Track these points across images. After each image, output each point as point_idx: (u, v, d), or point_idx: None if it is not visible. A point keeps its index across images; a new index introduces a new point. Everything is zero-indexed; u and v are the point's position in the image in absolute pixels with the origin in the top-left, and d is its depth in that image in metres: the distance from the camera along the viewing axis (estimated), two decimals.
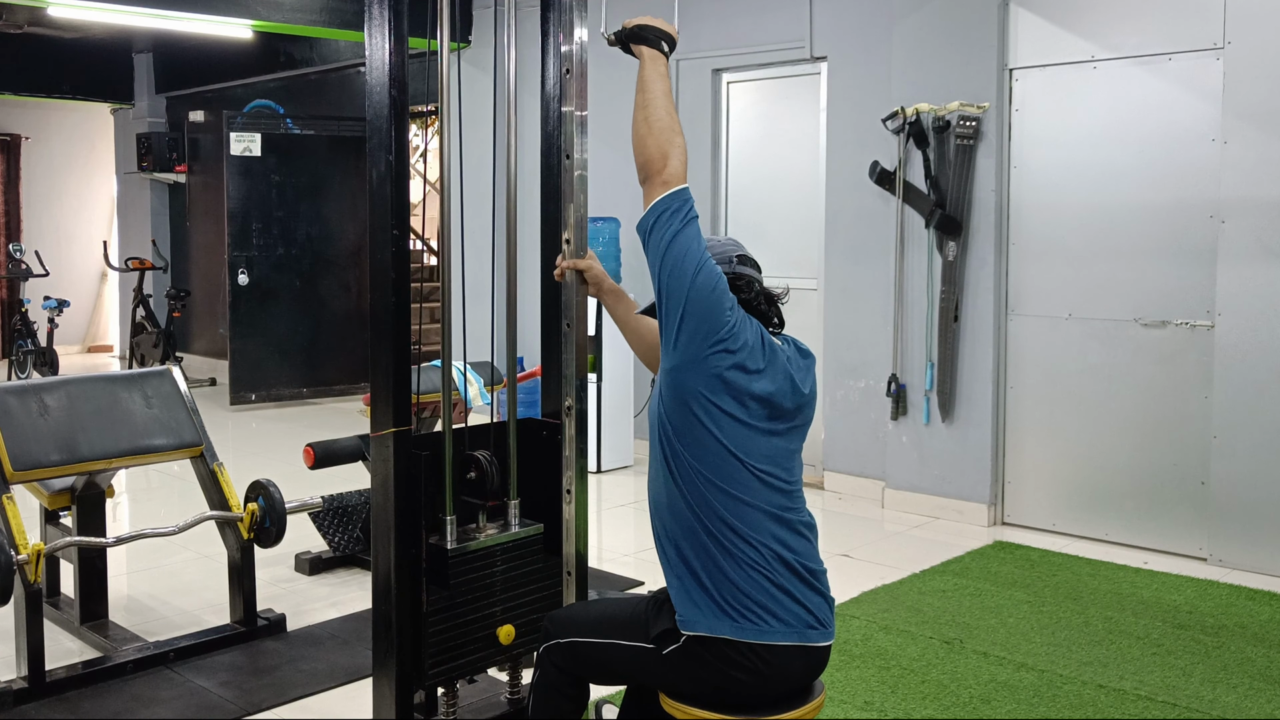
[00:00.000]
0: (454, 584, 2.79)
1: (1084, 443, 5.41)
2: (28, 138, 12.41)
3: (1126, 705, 3.56)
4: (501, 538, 2.90)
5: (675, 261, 2.29)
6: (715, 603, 2.29)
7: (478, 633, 2.88)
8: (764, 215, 6.69)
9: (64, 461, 3.82)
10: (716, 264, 2.37)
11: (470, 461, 2.87)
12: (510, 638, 2.92)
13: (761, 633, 2.27)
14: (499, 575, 2.89)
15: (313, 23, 7.42)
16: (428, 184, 11.28)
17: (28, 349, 9.80)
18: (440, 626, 2.79)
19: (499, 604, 2.90)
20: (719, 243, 2.51)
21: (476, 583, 2.85)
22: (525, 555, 2.95)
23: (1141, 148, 5.19)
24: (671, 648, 2.34)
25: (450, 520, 2.81)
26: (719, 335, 2.27)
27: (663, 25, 2.52)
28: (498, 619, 2.91)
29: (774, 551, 2.30)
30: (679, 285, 2.28)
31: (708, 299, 2.27)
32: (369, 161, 2.75)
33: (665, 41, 2.50)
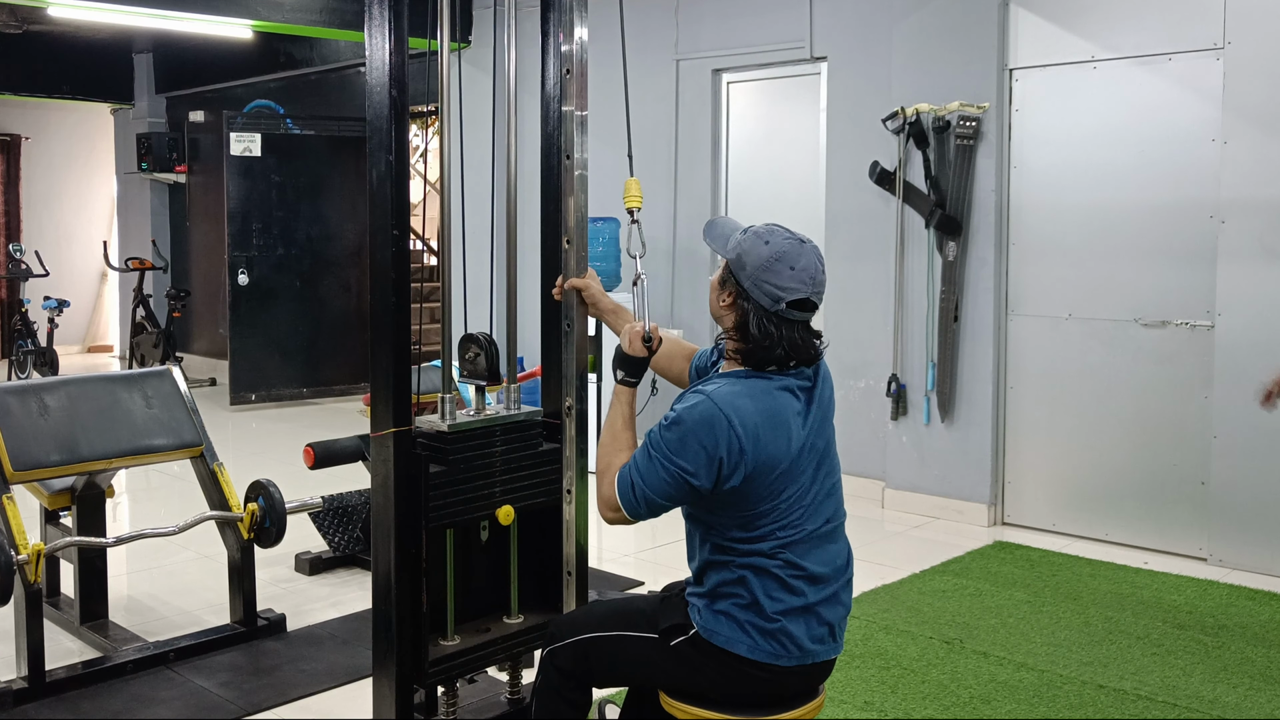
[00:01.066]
0: (452, 459, 2.79)
1: (1084, 443, 5.41)
2: (28, 138, 12.41)
3: (1126, 705, 3.56)
4: (500, 417, 2.91)
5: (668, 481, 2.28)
6: (737, 624, 2.31)
7: (476, 512, 2.88)
8: (764, 215, 6.63)
9: (64, 461, 3.82)
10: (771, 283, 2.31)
11: (470, 341, 2.89)
12: (509, 518, 2.92)
13: (775, 657, 2.30)
14: (498, 456, 2.90)
15: (313, 23, 7.42)
16: (428, 184, 11.28)
17: (28, 349, 9.80)
18: (440, 502, 2.79)
19: (498, 484, 2.91)
20: (789, 276, 2.31)
21: (475, 460, 2.85)
22: (524, 438, 2.96)
23: (1141, 148, 5.19)
24: (679, 639, 2.36)
25: (449, 398, 2.84)
26: (727, 483, 2.26)
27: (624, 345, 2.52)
28: (497, 499, 2.91)
29: (806, 573, 2.32)
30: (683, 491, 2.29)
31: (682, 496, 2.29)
32: (369, 161, 2.75)
33: (621, 368, 2.51)
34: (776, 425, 2.28)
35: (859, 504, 6.08)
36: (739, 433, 2.24)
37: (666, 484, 2.27)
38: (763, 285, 2.31)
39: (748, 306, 2.32)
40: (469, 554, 3.01)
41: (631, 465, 2.33)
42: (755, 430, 2.25)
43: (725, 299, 2.37)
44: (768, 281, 2.30)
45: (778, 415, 2.29)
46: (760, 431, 2.25)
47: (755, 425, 2.25)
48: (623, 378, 2.52)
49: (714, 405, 2.26)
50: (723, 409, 2.25)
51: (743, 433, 2.24)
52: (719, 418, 2.24)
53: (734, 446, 2.23)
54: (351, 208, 9.36)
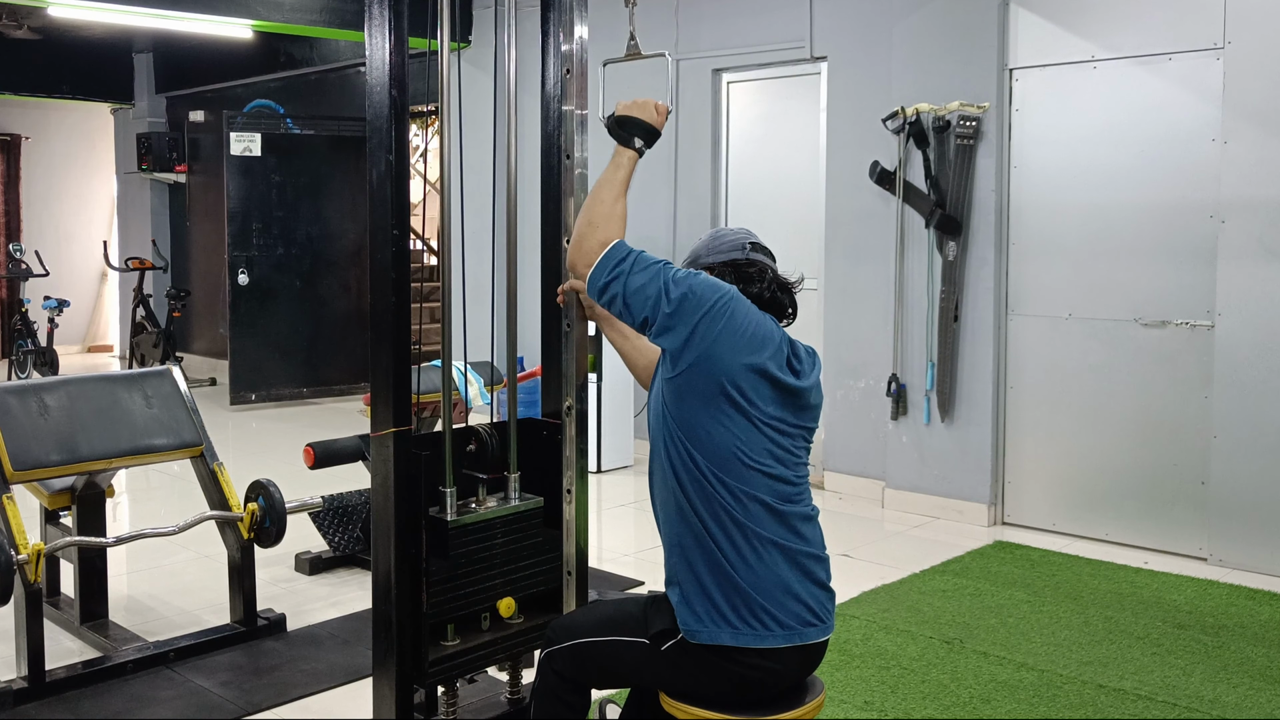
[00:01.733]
0: (453, 555, 2.80)
1: (1084, 443, 5.41)
2: (28, 138, 12.41)
3: (1126, 705, 3.56)
4: (501, 510, 2.91)
5: (645, 293, 2.32)
6: (716, 610, 2.30)
7: (478, 605, 2.88)
8: (764, 215, 6.68)
9: (64, 461, 3.82)
10: (727, 251, 2.47)
11: (470, 434, 2.89)
12: (510, 610, 2.92)
13: (760, 638, 2.29)
14: (499, 548, 2.90)
15: (313, 23, 7.42)
16: (428, 184, 11.28)
17: (28, 349, 9.80)
18: (440, 597, 2.79)
19: (499, 576, 2.91)
20: (730, 232, 2.57)
21: (476, 554, 2.86)
22: (525, 528, 2.96)
23: (1141, 148, 5.19)
24: (669, 644, 2.36)
25: (450, 492, 2.83)
26: (718, 326, 2.29)
27: (645, 114, 2.54)
28: (498, 591, 2.91)
29: (777, 545, 2.31)
30: (659, 308, 2.31)
31: (691, 304, 2.30)
32: (369, 161, 2.75)
33: (641, 136, 2.53)
34: (765, 353, 2.33)
35: (859, 504, 6.08)
36: (734, 306, 2.31)
37: (646, 282, 2.32)
38: (721, 249, 2.52)
39: (727, 272, 2.45)
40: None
41: (633, 252, 2.37)
42: (747, 320, 2.32)
43: None
44: (721, 246, 2.52)
45: (770, 337, 2.36)
46: (752, 330, 2.32)
47: (750, 320, 2.33)
48: (641, 146, 2.54)
49: (731, 290, 2.35)
50: (736, 296, 2.35)
51: (735, 308, 2.31)
52: (727, 288, 2.34)
53: (722, 308, 2.29)
54: (351, 208, 9.35)
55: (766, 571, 2.30)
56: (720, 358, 2.29)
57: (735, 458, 2.30)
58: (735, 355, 2.29)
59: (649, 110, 2.55)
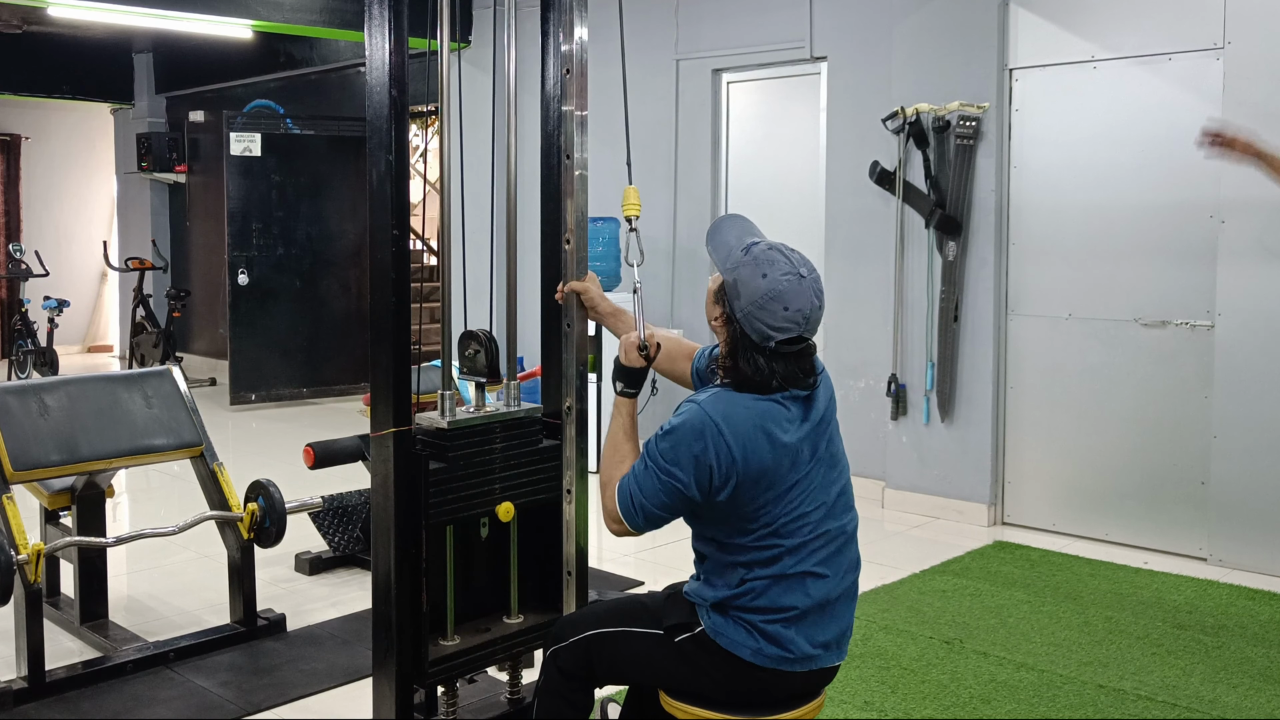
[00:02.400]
0: (452, 456, 2.79)
1: (1084, 443, 5.41)
2: (28, 138, 12.41)
3: (1126, 705, 3.56)
4: (500, 414, 2.92)
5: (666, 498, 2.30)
6: (740, 625, 2.31)
7: (476, 508, 2.88)
8: (764, 215, 6.62)
9: (64, 461, 3.82)
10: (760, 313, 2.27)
11: (469, 338, 2.89)
12: (509, 515, 2.92)
13: (777, 662, 2.31)
14: (498, 452, 2.90)
15: (313, 23, 7.42)
16: (428, 184, 11.27)
17: (28, 349, 9.80)
18: (440, 499, 2.79)
19: (498, 481, 2.91)
20: (783, 316, 2.25)
21: (475, 457, 2.85)
22: (524, 435, 2.96)
23: (1141, 148, 5.19)
24: (684, 636, 2.36)
25: (449, 395, 2.84)
26: (722, 491, 2.26)
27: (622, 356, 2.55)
28: (497, 496, 2.91)
29: (815, 576, 2.33)
30: (690, 496, 2.29)
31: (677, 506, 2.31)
32: (369, 161, 2.75)
33: (620, 379, 2.54)
34: (770, 432, 2.26)
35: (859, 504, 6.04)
36: (728, 440, 2.23)
37: (661, 494, 2.28)
38: (753, 322, 2.26)
39: (738, 335, 2.30)
40: (469, 553, 3.01)
41: (630, 477, 2.34)
42: (746, 438, 2.24)
43: (718, 315, 2.35)
44: (759, 320, 2.26)
45: (772, 421, 2.27)
46: (751, 439, 2.24)
47: (746, 433, 2.24)
48: (622, 389, 2.54)
49: (704, 413, 2.26)
50: (713, 417, 2.25)
51: (732, 440, 2.23)
52: (709, 425, 2.24)
53: (723, 454, 2.23)
54: (351, 208, 9.35)
55: (800, 608, 2.31)
56: (746, 496, 2.27)
57: (776, 532, 2.31)
58: (759, 486, 2.27)
59: (622, 351, 2.57)
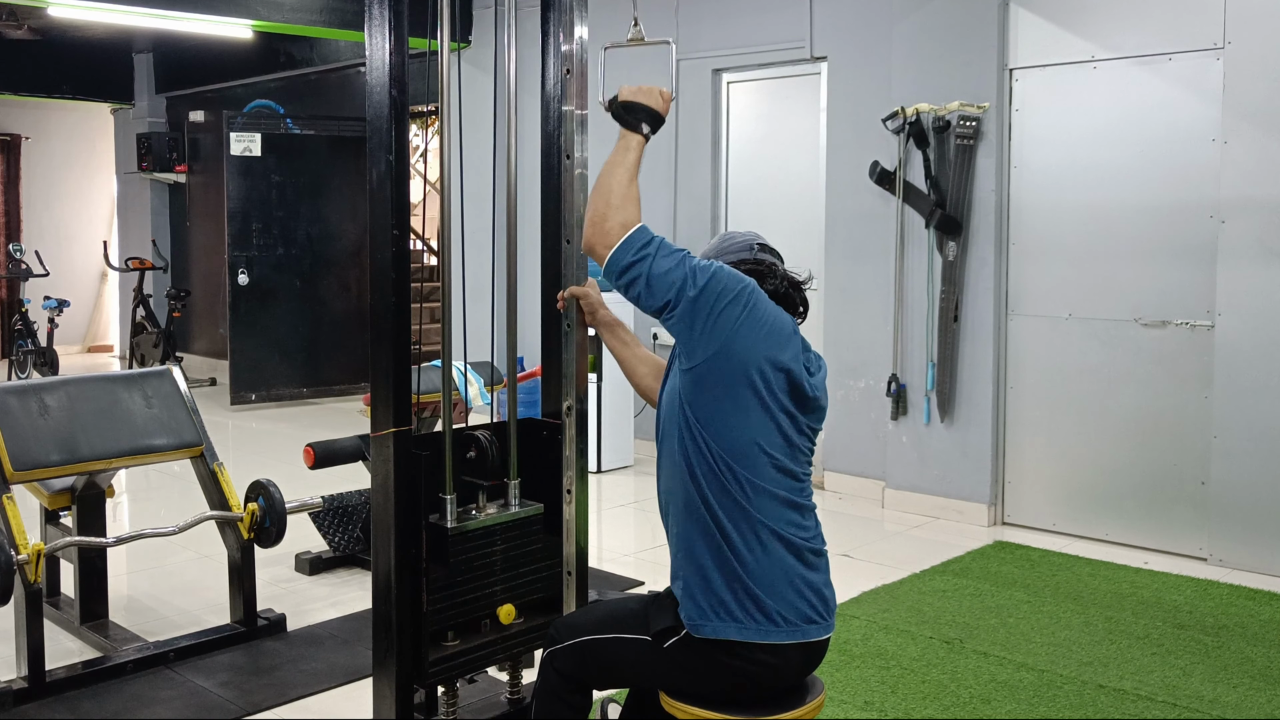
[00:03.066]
0: (454, 562, 2.79)
1: (1084, 443, 5.41)
2: (28, 138, 12.41)
3: (1126, 705, 3.56)
4: (501, 517, 2.91)
5: (670, 277, 2.31)
6: (721, 603, 2.31)
7: (478, 612, 2.88)
8: (764, 215, 6.69)
9: (64, 461, 3.82)
10: (736, 252, 2.49)
11: (470, 441, 2.88)
12: (511, 617, 2.92)
13: (763, 632, 2.30)
14: (499, 554, 2.90)
15: (313, 23, 7.42)
16: (428, 184, 11.28)
17: (28, 349, 9.80)
18: (441, 605, 2.79)
19: (499, 583, 2.91)
20: (738, 234, 2.59)
21: (476, 561, 2.85)
22: (525, 535, 2.95)
23: (1141, 148, 5.19)
24: (672, 641, 2.36)
25: (450, 499, 2.82)
26: (738, 316, 2.30)
27: (650, 100, 2.53)
28: (498, 599, 2.91)
29: (783, 538, 2.32)
30: (684, 293, 2.30)
31: (715, 291, 2.31)
32: (369, 161, 2.75)
33: (648, 121, 2.51)
34: (787, 335, 2.37)
35: (859, 504, 6.08)
36: (756, 298, 2.33)
37: (669, 272, 2.30)
38: (730, 250, 2.53)
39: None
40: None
41: (658, 239, 2.36)
42: (767, 313, 2.34)
43: None
44: (730, 248, 2.54)
45: (791, 334, 2.39)
46: (771, 323, 2.34)
47: (770, 313, 2.35)
48: (649, 131, 2.52)
49: (748, 279, 2.37)
50: (758, 291, 2.36)
51: (757, 300, 2.33)
52: (749, 280, 2.36)
53: (746, 298, 2.31)
54: (351, 208, 9.35)
55: (772, 564, 2.31)
56: (743, 347, 2.30)
57: (754, 446, 2.31)
58: (757, 347, 2.31)
59: (654, 96, 2.54)
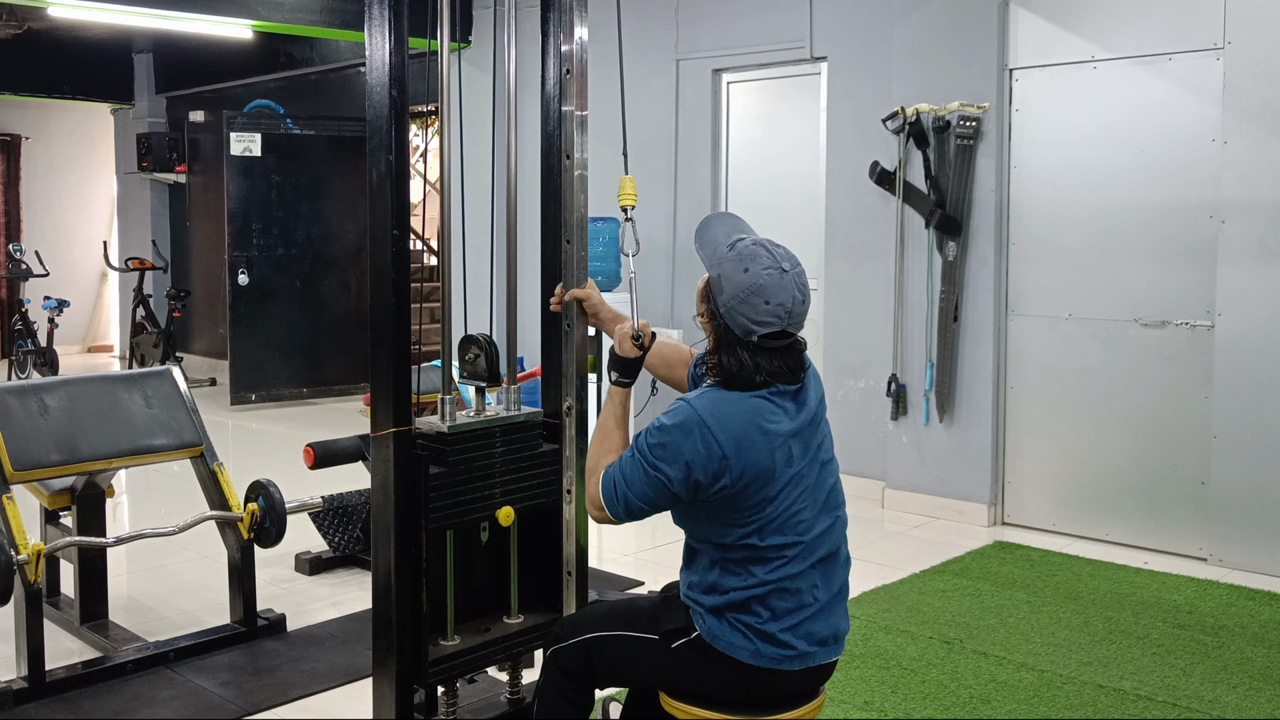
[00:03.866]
0: (452, 460, 2.79)
1: (1084, 443, 5.41)
2: (28, 138, 12.41)
3: (1126, 705, 3.56)
4: (500, 418, 2.91)
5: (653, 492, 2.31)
6: (738, 629, 2.31)
7: (476, 512, 2.88)
8: (764, 215, 6.68)
9: (64, 461, 3.82)
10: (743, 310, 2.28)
11: (470, 342, 2.90)
12: (510, 519, 2.92)
13: (777, 662, 2.30)
14: (498, 456, 2.90)
15: (313, 23, 7.42)
16: (428, 184, 11.28)
17: (28, 349, 9.80)
18: (440, 503, 2.79)
19: (498, 485, 2.91)
20: (765, 311, 2.26)
21: (475, 461, 2.85)
22: (524, 439, 2.96)
23: (1141, 148, 5.19)
24: (681, 642, 2.36)
25: (449, 399, 2.84)
26: (711, 489, 2.26)
27: (617, 347, 2.57)
28: (497, 500, 2.91)
29: (804, 576, 2.32)
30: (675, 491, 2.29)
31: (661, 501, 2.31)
32: (369, 161, 2.75)
33: (615, 369, 2.57)
34: (763, 427, 2.27)
35: (859, 504, 6.08)
36: (719, 439, 2.23)
37: (647, 488, 2.29)
38: (735, 316, 2.28)
39: (723, 331, 2.32)
40: (469, 554, 3.01)
41: (617, 467, 2.35)
42: (738, 435, 2.24)
43: (703, 312, 2.39)
44: (741, 314, 2.28)
45: (762, 417, 2.27)
46: (743, 436, 2.24)
47: (738, 430, 2.25)
48: (616, 379, 2.56)
49: (695, 412, 2.27)
50: (703, 416, 2.26)
51: (723, 439, 2.23)
52: (699, 424, 2.25)
53: (714, 452, 2.23)
54: (351, 208, 9.35)
55: (795, 607, 2.30)
56: (740, 469, 2.25)
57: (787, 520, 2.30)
58: (749, 455, 2.25)
59: (617, 341, 2.58)
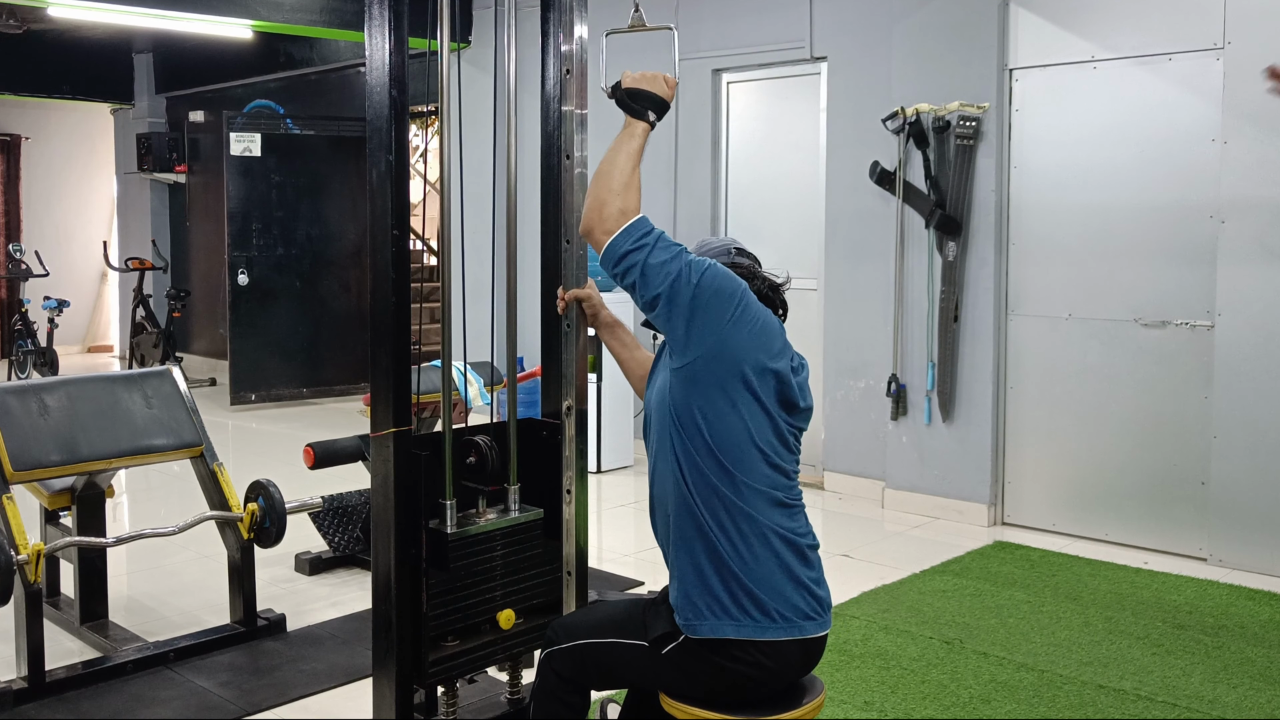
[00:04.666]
0: (453, 567, 2.79)
1: (1084, 443, 5.41)
2: (28, 138, 12.41)
3: (1126, 705, 3.56)
4: (501, 522, 2.91)
5: (667, 269, 2.32)
6: (717, 602, 2.31)
7: (478, 616, 2.88)
8: (764, 215, 6.69)
9: (64, 461, 3.82)
10: (715, 255, 2.48)
11: (470, 446, 2.88)
12: (510, 622, 2.92)
13: (761, 629, 2.30)
14: (499, 559, 2.90)
15: (313, 23, 7.42)
16: (428, 184, 11.28)
17: (28, 349, 9.80)
18: (440, 610, 2.79)
19: (499, 588, 2.91)
20: (715, 241, 2.61)
21: (476, 566, 2.85)
22: (525, 540, 2.95)
23: (1141, 148, 5.19)
24: (670, 647, 2.36)
25: (450, 504, 2.82)
26: (732, 314, 2.32)
27: (655, 87, 2.52)
28: (498, 603, 2.91)
29: (777, 534, 2.33)
30: (677, 286, 2.31)
31: (712, 288, 2.32)
32: (369, 161, 2.75)
33: (654, 109, 2.51)
34: (776, 335, 2.39)
35: (859, 504, 6.08)
36: (748, 298, 2.35)
37: (666, 264, 2.32)
38: (709, 253, 2.52)
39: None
40: None
41: (657, 231, 2.38)
42: (758, 314, 2.36)
43: None
44: (708, 250, 2.54)
45: (779, 334, 2.41)
46: (762, 322, 2.36)
47: (761, 314, 2.37)
48: (654, 119, 2.52)
49: (740, 279, 2.40)
50: (750, 295, 2.38)
51: (749, 300, 2.35)
52: (741, 281, 2.38)
53: (739, 297, 2.33)
54: (351, 208, 9.36)
55: (767, 561, 2.31)
56: (736, 345, 2.31)
57: (747, 443, 2.31)
58: (749, 345, 2.32)
59: (659, 83, 2.53)
